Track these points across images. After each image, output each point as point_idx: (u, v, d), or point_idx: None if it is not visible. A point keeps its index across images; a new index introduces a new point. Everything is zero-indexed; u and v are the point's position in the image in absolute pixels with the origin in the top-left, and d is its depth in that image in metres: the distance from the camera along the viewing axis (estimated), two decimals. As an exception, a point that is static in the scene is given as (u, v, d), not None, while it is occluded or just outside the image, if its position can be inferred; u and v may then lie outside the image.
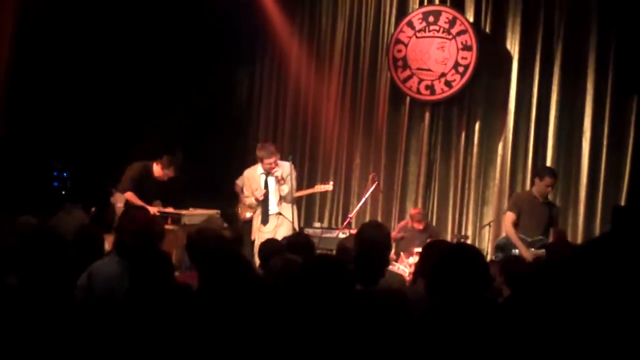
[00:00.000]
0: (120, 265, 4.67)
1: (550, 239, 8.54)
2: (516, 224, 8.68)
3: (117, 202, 9.29)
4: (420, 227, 9.94)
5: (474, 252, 3.94)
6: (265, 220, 8.91)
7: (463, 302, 3.54)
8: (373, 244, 5.22)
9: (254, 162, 9.06)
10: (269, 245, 5.82)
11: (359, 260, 4.92)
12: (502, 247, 8.60)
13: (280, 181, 8.78)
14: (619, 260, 3.68)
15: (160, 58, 11.39)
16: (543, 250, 8.43)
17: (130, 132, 10.83)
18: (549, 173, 8.65)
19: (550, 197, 9.50)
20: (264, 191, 8.84)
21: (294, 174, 9.01)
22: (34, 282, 3.77)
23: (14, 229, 5.28)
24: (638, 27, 9.20)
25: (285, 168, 8.83)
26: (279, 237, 7.96)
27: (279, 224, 8.87)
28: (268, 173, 8.81)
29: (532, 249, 8.30)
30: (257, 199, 8.86)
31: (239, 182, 9.81)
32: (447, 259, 3.73)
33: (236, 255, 4.73)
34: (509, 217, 8.64)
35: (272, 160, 8.71)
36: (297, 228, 8.92)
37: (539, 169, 9.12)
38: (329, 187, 9.90)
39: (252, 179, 9.00)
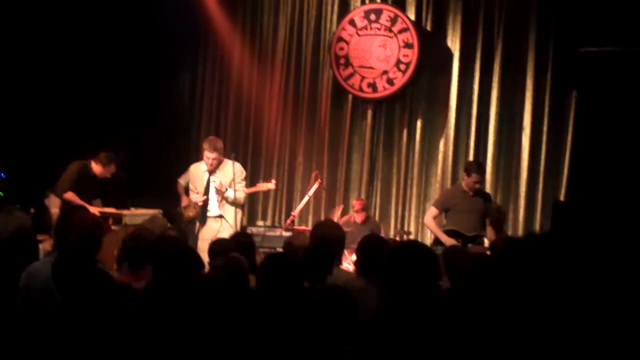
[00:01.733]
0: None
1: (487, 233, 8.66)
2: (448, 217, 8.81)
3: (52, 205, 9.19)
4: (361, 218, 9.96)
5: (424, 247, 4.01)
6: (203, 222, 8.86)
7: (419, 297, 3.56)
8: (326, 241, 5.26)
9: (197, 161, 9.02)
10: (219, 243, 5.82)
11: (308, 257, 4.94)
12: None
13: (219, 192, 8.71)
14: (559, 256, 3.75)
15: (100, 58, 11.28)
16: (484, 246, 8.53)
17: (70, 133, 10.68)
18: (476, 169, 8.80)
19: (490, 191, 9.65)
20: (203, 197, 8.82)
21: (243, 175, 9.05)
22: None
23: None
24: (576, 24, 9.33)
25: (228, 171, 8.78)
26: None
27: (220, 230, 8.70)
28: (211, 171, 8.75)
29: (470, 245, 8.41)
30: (197, 203, 8.86)
31: (181, 180, 9.69)
32: (400, 255, 3.76)
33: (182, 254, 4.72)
34: (432, 211, 9.00)
35: (212, 155, 8.68)
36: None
37: (467, 165, 9.25)
38: (272, 185, 9.83)
39: (196, 176, 8.96)
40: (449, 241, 8.44)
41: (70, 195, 8.93)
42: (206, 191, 8.90)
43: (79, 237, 5.13)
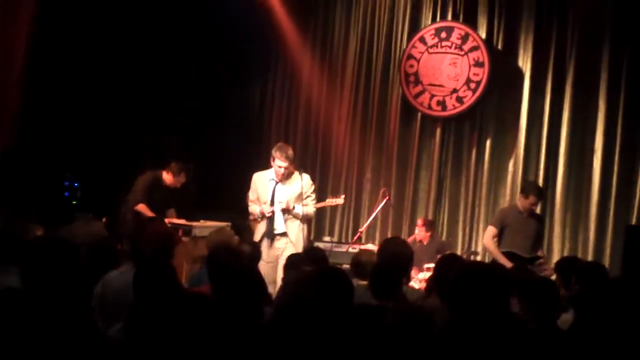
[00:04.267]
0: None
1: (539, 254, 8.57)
2: (503, 239, 8.69)
3: (127, 213, 9.30)
4: (427, 238, 9.93)
5: (494, 269, 3.98)
6: (270, 236, 8.17)
7: (485, 318, 3.54)
8: (395, 259, 5.24)
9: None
10: (292, 258, 5.88)
11: (376, 274, 4.93)
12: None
13: (287, 211, 8.09)
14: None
15: (173, 71, 11.45)
16: (543, 266, 8.38)
17: (141, 144, 10.86)
18: (535, 192, 8.63)
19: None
20: (271, 209, 8.14)
21: (312, 188, 8.40)
22: (42, 290, 3.77)
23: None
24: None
25: (296, 184, 8.19)
26: (282, 267, 7.28)
27: (282, 249, 8.12)
28: (278, 181, 8.18)
29: (529, 266, 8.29)
30: (262, 214, 8.21)
31: (250, 195, 9.74)
32: (468, 276, 3.73)
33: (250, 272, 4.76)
34: (490, 231, 8.75)
35: (285, 164, 8.03)
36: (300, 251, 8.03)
37: (526, 185, 9.17)
38: (340, 200, 9.81)
39: (260, 185, 8.34)
40: (507, 263, 8.31)
41: (141, 207, 9.07)
42: (271, 202, 8.20)
43: (153, 248, 5.24)
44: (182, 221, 9.09)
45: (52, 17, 10.21)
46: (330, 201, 9.88)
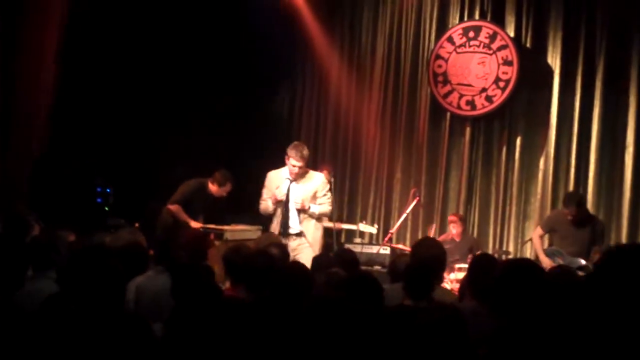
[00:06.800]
0: (169, 280, 4.72)
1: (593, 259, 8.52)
2: (555, 240, 8.77)
3: (168, 217, 9.32)
4: (460, 234, 9.91)
5: (538, 267, 3.91)
6: (284, 233, 8.05)
7: (533, 319, 3.48)
8: (428, 259, 5.24)
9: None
10: (320, 259, 5.90)
11: (410, 275, 4.93)
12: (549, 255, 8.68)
13: (303, 211, 8.07)
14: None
15: (204, 75, 11.51)
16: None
17: (172, 148, 10.92)
18: (568, 202, 8.69)
19: (592, 209, 9.49)
20: (284, 194, 8.08)
21: (327, 187, 8.35)
22: (82, 294, 3.81)
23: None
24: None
25: (312, 182, 8.20)
26: None
27: (299, 250, 8.06)
28: (293, 180, 8.13)
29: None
30: (275, 200, 8.14)
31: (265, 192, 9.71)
32: (514, 275, 3.66)
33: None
34: (537, 231, 9.17)
35: (299, 164, 8.00)
36: (316, 251, 8.11)
37: (567, 197, 9.16)
38: (374, 230, 9.94)
39: (274, 182, 8.28)
40: (546, 262, 8.36)
41: (175, 208, 9.14)
42: (287, 201, 8.14)
43: (186, 251, 5.28)
44: (213, 225, 9.13)
45: (84, 21, 10.27)
46: (362, 227, 9.97)
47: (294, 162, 8.03)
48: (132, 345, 3.46)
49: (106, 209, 10.54)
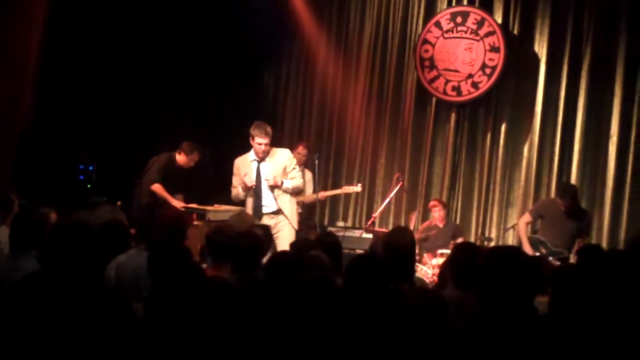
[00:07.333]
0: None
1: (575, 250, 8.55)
2: (540, 228, 8.76)
3: (142, 197, 9.32)
4: (441, 217, 9.90)
5: (524, 254, 3.92)
6: (258, 215, 8.12)
7: (518, 306, 3.48)
8: (397, 248, 5.27)
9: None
10: (300, 242, 5.88)
11: (387, 262, 4.93)
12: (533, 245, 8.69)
13: (275, 187, 8.10)
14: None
15: (188, 55, 11.48)
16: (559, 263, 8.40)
17: (157, 128, 10.89)
18: (569, 195, 8.67)
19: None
20: (253, 179, 8.11)
21: (294, 162, 8.46)
22: (62, 269, 3.79)
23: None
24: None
25: (278, 159, 8.24)
26: (282, 246, 7.56)
27: (279, 228, 8.13)
28: (260, 160, 8.18)
29: (551, 258, 8.32)
30: (245, 186, 8.13)
31: (235, 182, 9.65)
32: (499, 262, 3.65)
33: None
34: (525, 217, 9.15)
35: (265, 141, 8.04)
36: (295, 227, 8.32)
37: (563, 188, 9.16)
38: (358, 189, 9.88)
39: (243, 166, 8.30)
40: (528, 250, 8.39)
41: (157, 187, 9.12)
42: (258, 181, 8.19)
43: (165, 229, 5.26)
44: (195, 205, 9.10)
45: (70, 1, 10.24)
46: (347, 189, 9.92)
47: (259, 140, 8.08)
48: (111, 319, 3.46)
49: (88, 186, 10.47)
